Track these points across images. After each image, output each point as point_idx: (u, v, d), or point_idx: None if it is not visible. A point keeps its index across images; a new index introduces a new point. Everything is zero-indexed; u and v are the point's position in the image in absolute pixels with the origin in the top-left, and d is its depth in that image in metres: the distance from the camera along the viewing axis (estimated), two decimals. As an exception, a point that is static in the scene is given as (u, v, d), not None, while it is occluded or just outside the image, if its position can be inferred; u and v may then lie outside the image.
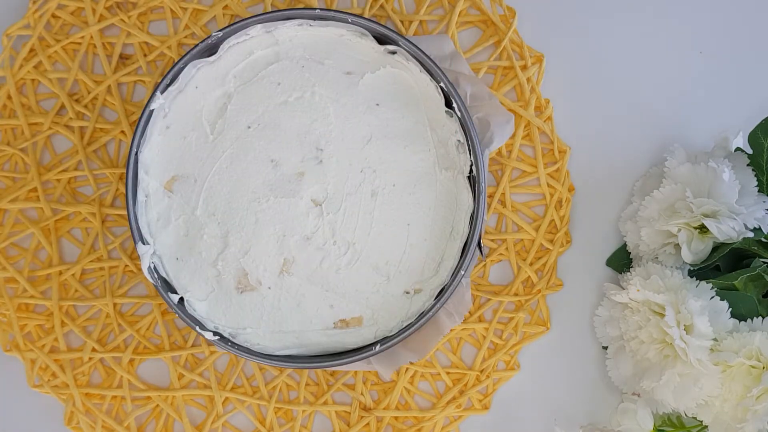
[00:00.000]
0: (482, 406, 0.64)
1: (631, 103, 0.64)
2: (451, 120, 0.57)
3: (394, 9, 0.63)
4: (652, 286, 0.55)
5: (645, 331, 0.55)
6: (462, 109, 0.56)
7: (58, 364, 0.63)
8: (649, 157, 0.63)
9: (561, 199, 0.64)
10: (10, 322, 0.63)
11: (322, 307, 0.57)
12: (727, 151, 0.59)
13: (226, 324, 0.57)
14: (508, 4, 0.64)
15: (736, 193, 0.56)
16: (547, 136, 0.64)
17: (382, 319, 0.57)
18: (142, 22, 0.64)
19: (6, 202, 0.63)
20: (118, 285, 0.63)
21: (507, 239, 0.63)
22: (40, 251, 0.64)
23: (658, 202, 0.58)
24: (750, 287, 0.56)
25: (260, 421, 0.64)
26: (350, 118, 0.57)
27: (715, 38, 0.64)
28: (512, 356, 0.64)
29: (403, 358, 0.60)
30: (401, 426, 0.63)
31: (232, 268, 0.57)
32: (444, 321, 0.59)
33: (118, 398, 0.64)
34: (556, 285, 0.64)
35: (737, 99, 0.64)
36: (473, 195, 0.57)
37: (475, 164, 0.56)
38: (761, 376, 0.53)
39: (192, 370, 0.63)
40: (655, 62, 0.64)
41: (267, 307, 0.57)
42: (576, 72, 0.64)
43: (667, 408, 0.55)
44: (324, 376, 0.63)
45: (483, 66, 0.63)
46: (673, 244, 0.57)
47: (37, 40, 0.63)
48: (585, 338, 0.64)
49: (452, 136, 0.57)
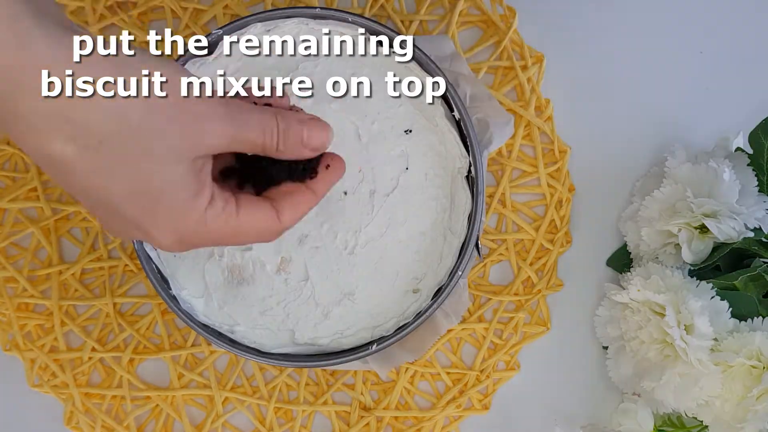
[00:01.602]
0: (482, 406, 0.64)
1: (631, 103, 0.64)
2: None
3: (394, 9, 0.63)
4: (653, 286, 0.55)
5: (645, 331, 0.55)
6: (461, 109, 0.56)
7: (58, 363, 0.63)
8: (649, 157, 0.63)
9: (561, 199, 0.64)
10: (10, 321, 0.63)
11: (318, 305, 0.57)
12: (727, 151, 0.59)
13: (222, 321, 0.57)
14: (508, 4, 0.64)
15: (737, 193, 0.55)
16: (548, 136, 0.64)
17: (379, 318, 0.57)
18: (142, 21, 0.64)
19: (6, 201, 0.63)
20: (117, 284, 0.63)
21: (507, 239, 0.63)
22: (39, 251, 0.64)
23: (659, 202, 0.58)
24: (750, 287, 0.56)
25: (260, 421, 0.63)
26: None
27: (716, 38, 0.64)
28: (512, 356, 0.64)
29: (400, 358, 0.60)
30: (401, 426, 0.63)
31: (229, 265, 0.57)
32: (441, 321, 0.59)
33: (118, 398, 0.64)
34: (556, 285, 0.63)
35: (738, 99, 0.64)
36: (471, 195, 0.57)
37: (473, 165, 0.56)
38: (762, 376, 0.53)
39: (192, 370, 0.63)
40: (655, 62, 0.64)
41: (263, 306, 0.57)
42: (576, 72, 0.64)
43: (667, 408, 0.55)
44: (324, 376, 0.63)
45: (483, 66, 0.63)
46: (674, 244, 0.57)
47: (38, 39, 0.63)
48: (585, 338, 0.63)
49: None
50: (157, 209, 0.39)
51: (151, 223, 0.40)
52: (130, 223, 0.40)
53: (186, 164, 0.39)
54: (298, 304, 0.57)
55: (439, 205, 0.57)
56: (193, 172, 0.40)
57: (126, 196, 0.39)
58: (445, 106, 0.57)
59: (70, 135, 0.36)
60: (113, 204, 0.39)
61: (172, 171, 0.39)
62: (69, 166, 0.37)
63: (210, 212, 0.41)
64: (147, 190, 0.39)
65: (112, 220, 0.41)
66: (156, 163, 0.38)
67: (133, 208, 0.39)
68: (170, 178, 0.39)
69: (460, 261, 0.56)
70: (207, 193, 0.41)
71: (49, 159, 0.37)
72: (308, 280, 0.57)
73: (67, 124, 0.36)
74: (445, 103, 0.57)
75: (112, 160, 0.37)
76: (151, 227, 0.40)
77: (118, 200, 0.39)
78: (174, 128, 0.38)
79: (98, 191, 0.38)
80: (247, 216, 0.42)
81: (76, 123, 0.36)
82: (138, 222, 0.40)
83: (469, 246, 0.56)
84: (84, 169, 0.37)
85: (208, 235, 0.41)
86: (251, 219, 0.42)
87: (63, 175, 0.38)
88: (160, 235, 0.41)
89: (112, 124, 0.36)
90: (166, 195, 0.39)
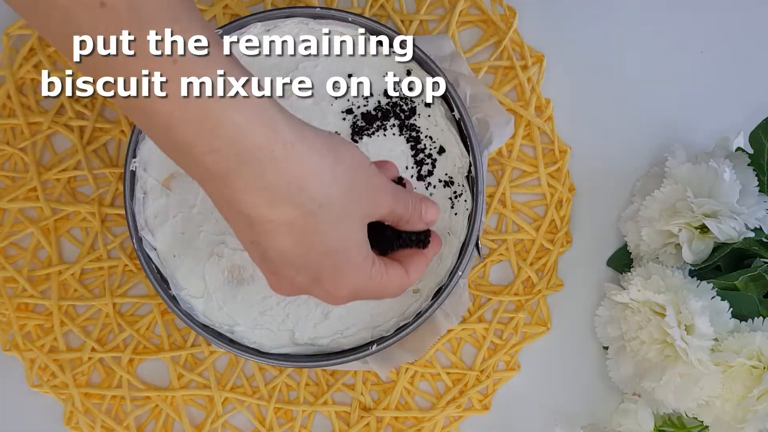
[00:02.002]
0: (482, 406, 0.63)
1: (631, 102, 0.64)
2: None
3: (394, 8, 0.63)
4: (653, 287, 0.55)
5: (646, 331, 0.55)
6: (461, 109, 0.56)
7: (58, 363, 0.63)
8: (649, 157, 0.63)
9: (561, 199, 0.63)
10: (10, 321, 0.63)
11: (318, 305, 0.57)
12: (728, 151, 0.59)
13: (222, 321, 0.57)
14: (508, 3, 0.63)
15: (737, 193, 0.55)
16: (548, 136, 0.63)
17: (378, 318, 0.57)
18: (142, 21, 0.63)
19: (5, 201, 0.63)
20: (117, 285, 0.63)
21: (507, 239, 0.63)
22: (39, 251, 0.64)
23: (659, 202, 0.58)
24: (751, 287, 0.56)
25: (260, 421, 0.63)
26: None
27: (716, 38, 0.64)
28: (512, 356, 0.63)
29: (400, 358, 0.60)
30: (401, 426, 0.63)
31: (229, 265, 0.57)
32: (441, 321, 0.59)
33: (118, 398, 0.64)
34: (556, 285, 0.63)
35: (738, 99, 0.64)
36: (471, 195, 0.57)
37: (473, 165, 0.56)
38: (762, 376, 0.53)
39: (191, 370, 0.63)
40: (655, 62, 0.64)
41: (263, 306, 0.57)
42: (576, 72, 0.64)
43: (667, 408, 0.55)
44: (324, 376, 0.63)
45: (483, 66, 0.63)
46: (674, 244, 0.57)
47: (37, 39, 0.63)
48: (585, 338, 0.63)
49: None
50: (344, 266, 0.45)
51: (336, 278, 0.45)
52: (312, 277, 0.45)
53: (365, 228, 0.46)
54: (297, 304, 0.57)
55: (439, 204, 0.57)
56: (366, 235, 0.46)
57: (323, 253, 0.43)
58: (445, 106, 0.57)
59: (298, 201, 0.41)
60: (307, 260, 0.43)
61: (357, 233, 0.45)
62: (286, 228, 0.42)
63: (374, 271, 0.47)
64: (340, 249, 0.44)
65: (295, 273, 0.44)
66: (350, 226, 0.44)
67: (325, 264, 0.44)
68: (356, 239, 0.45)
69: (460, 261, 0.56)
70: (371, 254, 0.47)
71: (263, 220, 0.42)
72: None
73: (301, 192, 0.41)
74: (445, 103, 0.57)
75: (323, 222, 0.42)
76: (333, 281, 0.45)
77: (315, 258, 0.43)
78: (364, 197, 0.45)
79: (301, 248, 0.43)
80: (391, 275, 0.48)
81: (306, 191, 0.41)
82: (322, 277, 0.45)
83: (469, 246, 0.56)
84: (299, 230, 0.42)
85: (369, 291, 0.47)
86: (393, 276, 0.48)
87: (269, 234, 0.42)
88: (338, 290, 0.46)
89: (326, 193, 0.42)
90: (352, 254, 0.45)
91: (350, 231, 0.44)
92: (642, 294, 0.55)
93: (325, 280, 0.45)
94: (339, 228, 0.43)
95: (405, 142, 0.57)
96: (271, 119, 0.40)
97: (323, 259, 0.44)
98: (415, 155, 0.57)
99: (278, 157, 0.40)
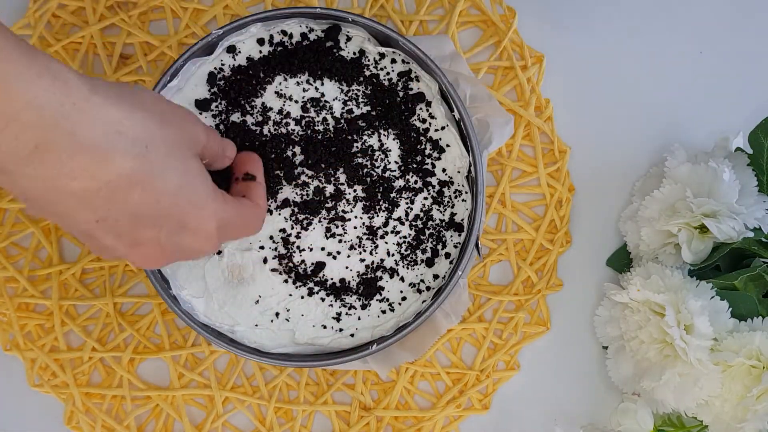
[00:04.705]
0: (482, 406, 0.64)
1: (631, 103, 0.64)
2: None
3: (394, 9, 0.63)
4: (653, 286, 0.55)
5: (645, 331, 0.55)
6: (461, 109, 0.56)
7: (58, 363, 0.63)
8: (649, 157, 0.63)
9: (561, 199, 0.64)
10: (10, 321, 0.63)
11: (318, 305, 0.57)
12: (727, 151, 0.59)
13: (222, 321, 0.57)
14: (508, 4, 0.64)
15: (737, 193, 0.55)
16: (547, 136, 0.64)
17: (378, 318, 0.57)
18: (142, 21, 0.64)
19: (6, 201, 0.63)
20: (118, 284, 0.63)
21: (507, 239, 0.63)
22: (40, 250, 0.64)
23: (659, 202, 0.58)
24: (750, 287, 0.56)
25: (260, 421, 0.63)
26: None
27: (715, 38, 0.64)
28: (512, 356, 0.64)
29: (400, 357, 0.60)
30: (401, 426, 0.63)
31: (229, 265, 0.57)
32: (441, 321, 0.59)
33: (118, 398, 0.64)
34: (556, 285, 0.64)
35: (737, 99, 0.64)
36: (471, 195, 0.57)
37: (473, 165, 0.56)
38: (761, 375, 0.53)
39: (192, 370, 0.63)
40: (655, 62, 0.64)
41: (263, 305, 0.57)
42: (576, 72, 0.64)
43: (667, 408, 0.55)
44: (324, 376, 0.63)
45: (483, 66, 0.63)
46: (674, 244, 0.57)
47: (38, 39, 0.63)
48: (585, 338, 0.63)
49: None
50: (198, 199, 0.43)
51: (197, 212, 0.44)
52: (176, 224, 0.43)
53: (198, 160, 0.45)
54: (298, 303, 0.57)
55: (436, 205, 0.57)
56: (202, 166, 0.45)
57: (173, 193, 0.42)
58: (445, 106, 0.57)
59: (123, 148, 0.39)
60: (161, 207, 0.42)
61: (193, 163, 0.44)
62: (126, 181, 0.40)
63: (228, 200, 0.46)
64: (185, 184, 0.42)
65: (158, 231, 0.43)
66: (184, 158, 0.43)
67: (180, 204, 0.42)
68: (196, 170, 0.44)
69: (459, 261, 0.56)
70: (216, 187, 0.45)
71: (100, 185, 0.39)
72: (307, 279, 0.57)
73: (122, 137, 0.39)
74: (445, 103, 0.57)
75: (157, 161, 0.41)
76: (197, 217, 0.44)
77: (168, 200, 0.42)
78: (180, 127, 0.43)
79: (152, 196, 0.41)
80: (244, 203, 0.48)
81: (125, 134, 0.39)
82: (185, 216, 0.43)
83: (469, 246, 0.56)
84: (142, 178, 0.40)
85: (234, 222, 0.47)
86: (247, 205, 0.49)
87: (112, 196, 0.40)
88: (205, 222, 0.44)
89: (146, 132, 0.40)
90: (199, 185, 0.44)
91: (186, 163, 0.43)
92: (641, 294, 0.55)
93: (189, 219, 0.43)
94: (174, 162, 0.42)
95: (405, 143, 0.57)
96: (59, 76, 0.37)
97: (176, 199, 0.42)
98: (415, 155, 0.57)
99: (83, 109, 0.37)
